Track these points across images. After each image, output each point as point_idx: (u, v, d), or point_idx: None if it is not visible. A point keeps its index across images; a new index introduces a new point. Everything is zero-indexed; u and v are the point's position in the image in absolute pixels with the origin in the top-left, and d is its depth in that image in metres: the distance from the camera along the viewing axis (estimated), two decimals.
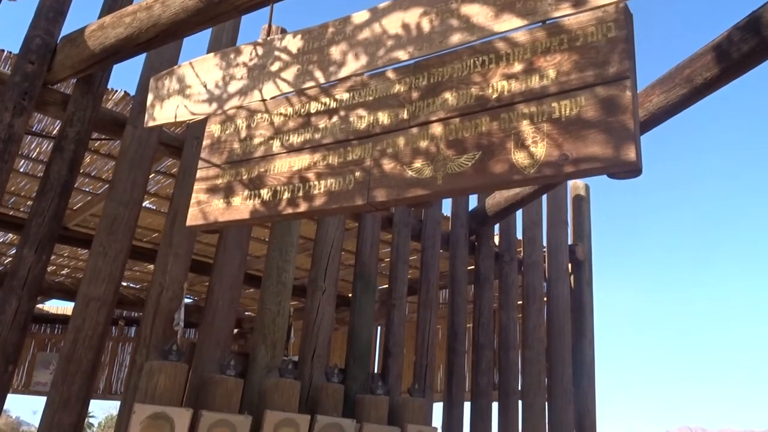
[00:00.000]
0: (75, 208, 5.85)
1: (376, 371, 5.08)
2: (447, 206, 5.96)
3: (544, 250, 5.96)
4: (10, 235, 6.64)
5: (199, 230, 3.09)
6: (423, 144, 2.09)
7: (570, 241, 6.20)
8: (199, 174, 2.66)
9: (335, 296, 4.35)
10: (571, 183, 6.39)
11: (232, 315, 3.82)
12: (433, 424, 4.60)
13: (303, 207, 2.30)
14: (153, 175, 4.93)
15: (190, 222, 2.60)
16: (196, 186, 2.64)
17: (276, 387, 3.65)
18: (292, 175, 2.36)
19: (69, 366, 3.16)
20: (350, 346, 4.40)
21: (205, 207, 2.56)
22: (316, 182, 2.29)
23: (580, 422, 5.78)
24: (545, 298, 5.95)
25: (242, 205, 2.46)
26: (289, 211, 2.34)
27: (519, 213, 5.84)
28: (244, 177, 2.50)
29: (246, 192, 2.46)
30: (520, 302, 5.93)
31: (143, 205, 4.31)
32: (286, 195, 2.35)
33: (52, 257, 7.65)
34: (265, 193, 2.41)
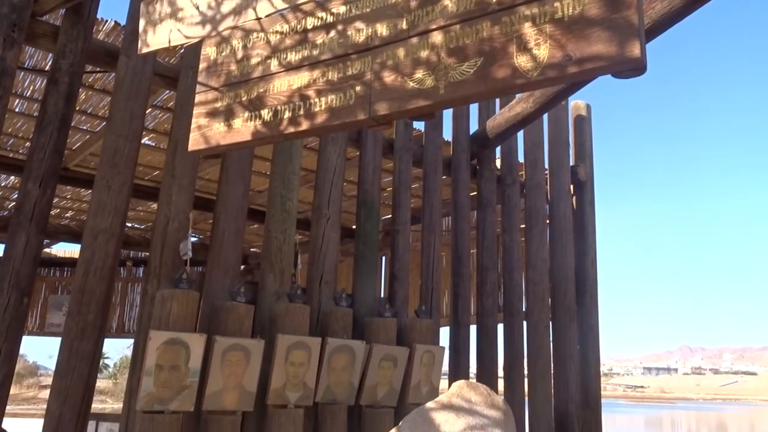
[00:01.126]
0: (74, 147, 5.82)
1: (382, 296, 5.16)
2: (447, 131, 5.92)
3: (546, 171, 5.95)
4: (12, 177, 6.63)
5: (201, 155, 3.09)
6: (423, 54, 2.05)
7: (572, 162, 6.18)
8: (198, 98, 2.63)
9: (339, 224, 4.38)
10: (572, 103, 6.32)
11: (239, 244, 3.86)
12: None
13: (305, 125, 2.28)
14: (150, 110, 4.88)
15: (191, 147, 2.59)
16: (196, 111, 2.61)
17: (286, 312, 3.73)
18: (292, 94, 2.33)
19: (83, 297, 3.21)
20: (356, 271, 4.46)
21: (206, 131, 2.54)
22: (316, 99, 2.27)
23: (584, 339, 5.92)
24: (547, 220, 5.99)
25: (243, 127, 2.44)
26: (291, 130, 2.32)
27: (520, 135, 5.80)
28: (244, 98, 2.47)
29: (246, 114, 2.44)
30: (523, 226, 5.98)
31: (142, 141, 4.29)
32: (287, 114, 2.33)
33: (56, 200, 7.69)
34: (266, 113, 2.39)
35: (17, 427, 9.05)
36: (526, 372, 5.55)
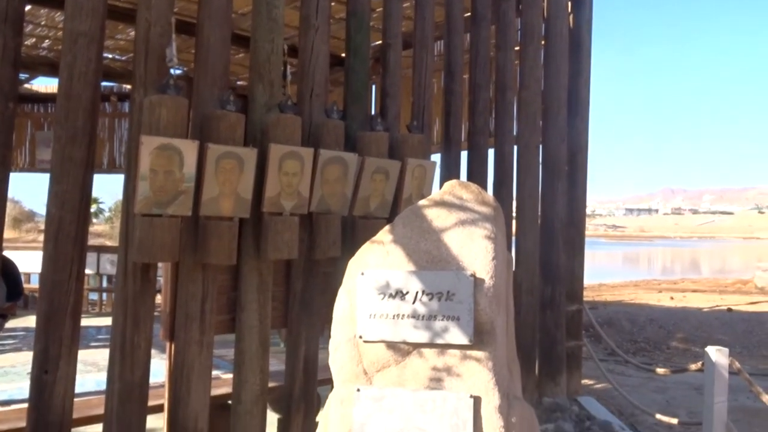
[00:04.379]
0: None
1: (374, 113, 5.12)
2: None
3: None
4: None
5: None
6: None
7: None
8: None
9: (328, 35, 4.23)
10: None
11: (226, 54, 3.73)
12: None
13: None
14: None
15: None
16: None
17: (278, 122, 3.70)
18: None
19: (69, 103, 3.15)
20: (347, 86, 4.39)
21: None
22: None
23: (572, 159, 6.01)
24: (543, 40, 5.82)
25: None
26: None
27: None
28: None
29: None
30: (517, 48, 5.81)
31: None
32: None
33: (30, 28, 7.34)
34: None
35: (22, 257, 9.35)
36: (515, 192, 5.68)
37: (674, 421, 5.17)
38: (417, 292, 2.66)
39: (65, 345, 3.10)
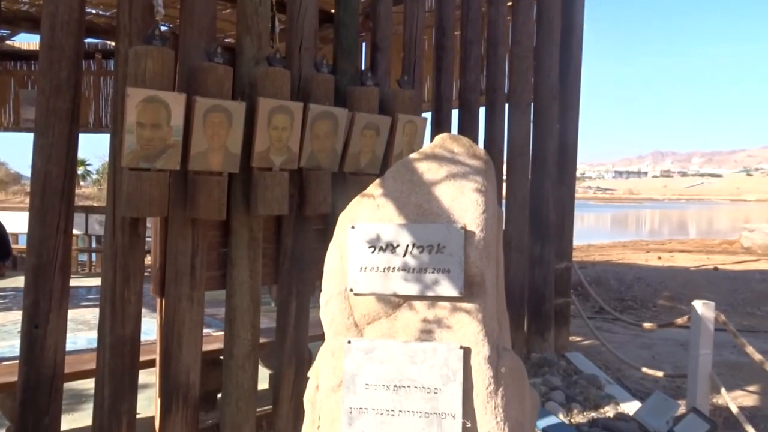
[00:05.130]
0: None
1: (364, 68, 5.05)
2: None
3: None
4: None
5: None
6: None
7: None
8: None
9: None
10: None
11: (213, 3, 3.64)
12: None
13: None
14: None
15: None
16: None
17: (266, 75, 3.63)
18: None
19: (52, 53, 3.08)
20: (337, 40, 4.31)
21: None
22: None
23: (564, 117, 5.97)
24: None
25: None
26: None
27: None
28: None
29: None
30: (509, 4, 5.72)
31: None
32: None
33: None
34: None
35: (9, 217, 9.27)
36: (505, 150, 5.66)
37: (660, 374, 5.27)
38: (407, 245, 2.66)
39: (55, 299, 3.09)
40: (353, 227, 2.73)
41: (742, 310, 9.07)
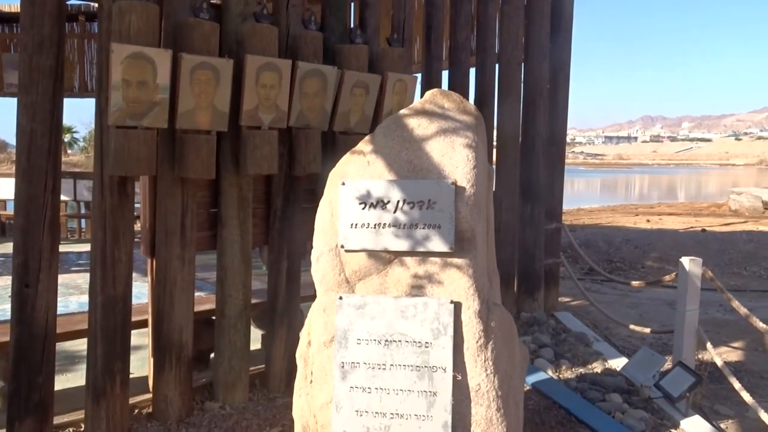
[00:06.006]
0: None
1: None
2: None
3: None
4: None
5: None
6: None
7: None
8: None
9: None
10: None
11: None
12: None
13: None
14: None
15: None
16: None
17: (254, 32, 3.57)
18: None
19: (34, 9, 2.99)
20: None
21: None
22: None
23: (555, 77, 5.93)
24: None
25: None
26: None
27: None
28: None
29: None
30: None
31: None
32: None
33: None
34: None
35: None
36: (495, 110, 5.63)
37: (647, 330, 5.35)
38: (398, 201, 2.65)
39: (45, 258, 3.07)
40: (344, 184, 2.72)
41: (729, 270, 9.19)
